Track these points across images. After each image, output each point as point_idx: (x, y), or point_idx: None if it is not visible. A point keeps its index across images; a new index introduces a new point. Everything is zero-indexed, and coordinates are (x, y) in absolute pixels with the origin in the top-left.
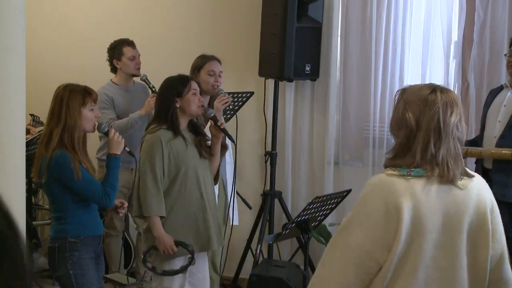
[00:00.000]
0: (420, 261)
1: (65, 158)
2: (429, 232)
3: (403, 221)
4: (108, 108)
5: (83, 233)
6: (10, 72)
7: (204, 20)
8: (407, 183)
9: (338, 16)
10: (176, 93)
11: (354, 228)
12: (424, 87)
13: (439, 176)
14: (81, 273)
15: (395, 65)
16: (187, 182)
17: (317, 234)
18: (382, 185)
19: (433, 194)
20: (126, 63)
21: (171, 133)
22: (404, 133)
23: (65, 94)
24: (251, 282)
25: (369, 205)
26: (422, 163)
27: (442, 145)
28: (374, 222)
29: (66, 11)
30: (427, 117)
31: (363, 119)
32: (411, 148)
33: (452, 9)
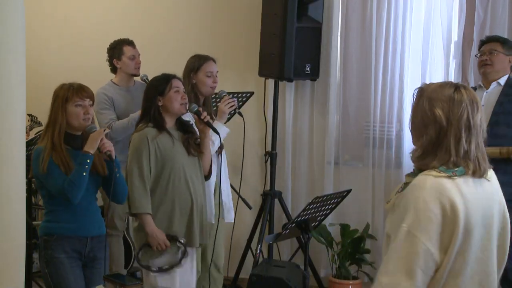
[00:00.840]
0: (469, 257)
1: (37, 153)
2: (476, 228)
3: (460, 222)
4: (108, 109)
5: (56, 231)
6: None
7: (204, 20)
8: (454, 183)
9: (338, 16)
10: (158, 92)
11: (416, 234)
12: (446, 85)
13: (473, 172)
14: (55, 272)
15: (395, 65)
16: (174, 179)
17: (317, 234)
18: (435, 188)
19: (474, 191)
20: (126, 62)
21: (156, 130)
22: (434, 130)
23: (55, 92)
24: (251, 282)
25: (426, 210)
26: (456, 159)
27: (472, 141)
28: (435, 226)
29: (66, 11)
30: (457, 114)
31: (363, 119)
32: (442, 145)
33: (452, 9)
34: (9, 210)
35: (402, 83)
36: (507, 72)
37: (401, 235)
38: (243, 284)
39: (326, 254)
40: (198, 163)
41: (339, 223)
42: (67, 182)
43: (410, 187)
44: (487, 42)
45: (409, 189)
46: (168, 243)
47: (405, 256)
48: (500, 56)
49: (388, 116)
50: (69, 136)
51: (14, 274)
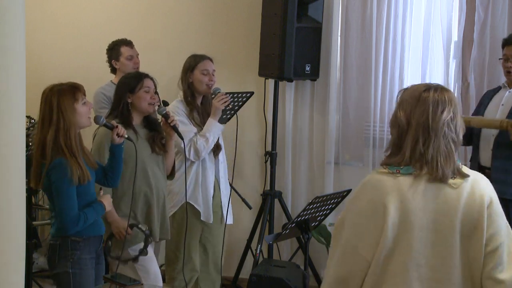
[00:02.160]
0: (410, 259)
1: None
2: (417, 229)
3: (389, 218)
4: (107, 108)
5: (86, 233)
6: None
7: (204, 20)
8: (395, 180)
9: (338, 16)
10: (128, 89)
11: (344, 224)
12: (421, 86)
13: (428, 174)
14: (80, 272)
15: (395, 65)
16: (136, 174)
17: (317, 234)
18: (371, 183)
19: (422, 192)
20: (124, 63)
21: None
22: (396, 131)
23: (54, 96)
24: (251, 282)
25: (358, 202)
26: (411, 161)
27: (431, 144)
28: (362, 218)
29: (67, 11)
30: (417, 114)
31: (363, 119)
32: (402, 146)
33: (452, 9)
34: (9, 210)
35: (402, 83)
36: None
37: (335, 225)
38: (243, 284)
39: (326, 254)
40: (161, 161)
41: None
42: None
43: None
44: (510, 43)
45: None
46: (130, 231)
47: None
48: None
49: (388, 116)
50: None
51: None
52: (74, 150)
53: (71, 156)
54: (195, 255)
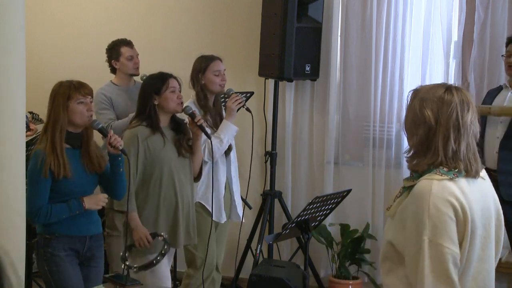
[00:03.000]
0: (472, 256)
1: (36, 155)
2: (477, 228)
3: (468, 222)
4: (107, 109)
5: (57, 230)
6: (10, 73)
7: (204, 20)
8: (457, 184)
9: (338, 16)
10: (154, 90)
11: (440, 241)
12: (439, 86)
13: (466, 172)
14: (57, 269)
15: (395, 65)
16: (162, 180)
17: (317, 234)
18: (441, 190)
19: (474, 191)
20: (124, 63)
21: (149, 130)
22: (423, 130)
23: (54, 91)
24: (251, 282)
25: (440, 212)
26: (445, 160)
27: (462, 142)
28: (451, 227)
29: (67, 11)
30: (445, 114)
31: (363, 119)
32: (431, 145)
33: (452, 9)
34: (9, 210)
35: (402, 83)
36: None
37: (425, 247)
38: (243, 284)
39: (326, 254)
40: (188, 164)
41: (339, 223)
42: (44, 210)
43: (415, 194)
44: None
45: (414, 197)
46: (150, 238)
47: (437, 267)
48: None
49: (388, 116)
50: (69, 134)
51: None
52: (56, 145)
53: (50, 148)
54: (212, 253)
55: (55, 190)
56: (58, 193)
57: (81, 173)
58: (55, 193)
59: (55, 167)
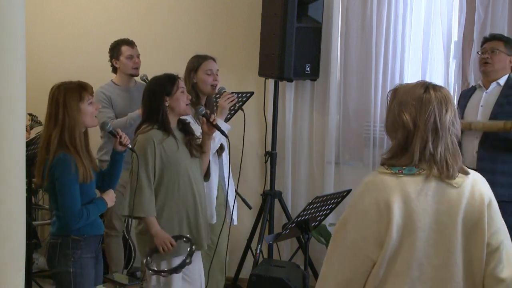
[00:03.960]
0: (413, 258)
1: (65, 160)
2: (421, 230)
3: (394, 218)
4: (106, 107)
5: (87, 231)
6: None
7: (204, 20)
8: (397, 180)
9: (338, 16)
10: (165, 92)
11: (348, 226)
12: (417, 85)
13: (438, 174)
14: (81, 272)
15: (395, 65)
16: (179, 183)
17: (317, 234)
18: (374, 183)
19: (425, 192)
20: (123, 62)
21: (162, 133)
22: (402, 134)
23: (61, 94)
24: (251, 282)
25: (361, 202)
26: (420, 162)
27: (440, 143)
28: (366, 219)
29: (67, 11)
30: (423, 116)
31: (363, 119)
32: (408, 148)
33: (452, 9)
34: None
35: (402, 83)
36: (507, 72)
37: (336, 226)
38: (243, 284)
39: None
40: (199, 164)
41: None
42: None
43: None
44: (490, 40)
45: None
46: (174, 242)
47: (336, 247)
48: (501, 55)
49: None
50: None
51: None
52: (78, 149)
53: (75, 153)
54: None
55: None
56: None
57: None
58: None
59: (83, 172)
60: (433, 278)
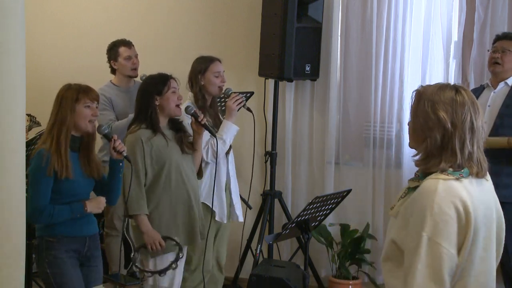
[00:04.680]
0: (475, 257)
1: (40, 154)
2: (480, 228)
3: (472, 222)
4: (108, 109)
5: (59, 232)
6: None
7: (204, 20)
8: (462, 185)
9: (338, 16)
10: (156, 91)
11: (438, 240)
12: (446, 87)
13: (477, 173)
14: (60, 272)
15: (395, 65)
16: (171, 178)
17: (317, 234)
18: (446, 191)
19: (478, 191)
20: (122, 63)
21: (150, 131)
22: (439, 132)
23: (61, 92)
24: (251, 282)
25: (443, 213)
26: (462, 162)
27: (475, 143)
28: (452, 229)
29: (67, 11)
30: (460, 116)
31: (363, 119)
32: (447, 148)
33: (452, 9)
34: (9, 210)
35: (402, 83)
36: None
37: (423, 244)
38: (243, 284)
39: (326, 254)
40: (191, 161)
41: (339, 223)
42: (47, 210)
43: (420, 193)
44: (502, 38)
45: (419, 195)
46: (163, 242)
47: (431, 265)
48: (511, 55)
49: (388, 116)
50: (71, 137)
51: (14, 274)
52: (61, 145)
53: (55, 148)
54: (209, 255)
55: (55, 190)
56: (59, 194)
57: (80, 175)
58: (56, 194)
59: (58, 166)
60: (480, 271)
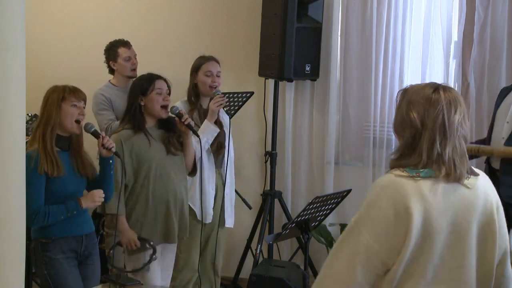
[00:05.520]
0: (429, 261)
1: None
2: (438, 233)
3: (413, 224)
4: (107, 109)
5: (54, 233)
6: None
7: (204, 20)
8: (415, 184)
9: (338, 16)
10: (140, 91)
11: (362, 229)
12: (427, 86)
13: (446, 175)
14: (55, 273)
15: (395, 65)
16: (150, 178)
17: (317, 234)
18: (391, 186)
19: (441, 195)
20: (121, 64)
21: (131, 131)
22: (409, 133)
23: (48, 93)
24: (251, 282)
25: (378, 206)
26: (428, 162)
27: (448, 144)
28: (383, 224)
29: (67, 11)
30: (432, 116)
31: (363, 119)
32: (416, 148)
33: (452, 9)
34: (9, 210)
35: (402, 83)
36: None
37: (349, 227)
38: (243, 284)
39: (326, 254)
40: (179, 161)
41: (339, 223)
42: (42, 212)
43: (373, 184)
44: None
45: (372, 185)
46: (138, 242)
47: (346, 250)
48: None
49: (388, 116)
50: (58, 137)
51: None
52: (46, 144)
53: (42, 148)
54: (196, 255)
55: (48, 190)
56: (52, 193)
57: (71, 174)
58: (49, 193)
59: (48, 166)
60: (447, 280)
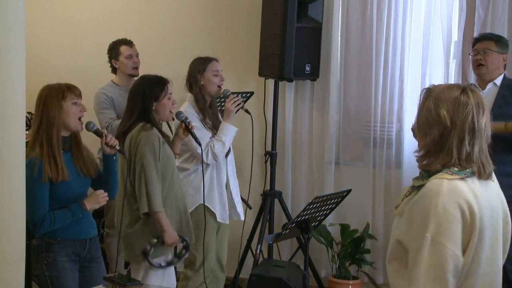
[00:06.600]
0: (481, 258)
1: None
2: (486, 229)
3: (476, 223)
4: (109, 108)
5: (61, 235)
6: (10, 73)
7: (204, 20)
8: (467, 185)
9: (338, 16)
10: (154, 96)
11: (442, 241)
12: (453, 86)
13: (479, 174)
14: (57, 275)
15: (395, 65)
16: (174, 178)
17: (317, 234)
18: (451, 191)
19: (483, 191)
20: (123, 62)
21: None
22: (437, 130)
23: (44, 92)
24: (251, 282)
25: (448, 213)
26: (458, 161)
27: (476, 144)
28: (457, 228)
29: (67, 11)
30: (461, 115)
31: (363, 119)
32: (445, 146)
33: (452, 9)
34: (9, 210)
35: (402, 83)
36: (501, 71)
37: (426, 244)
38: (243, 284)
39: (326, 254)
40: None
41: (339, 223)
42: (48, 219)
43: (424, 193)
44: (481, 40)
45: (423, 195)
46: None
47: (434, 265)
48: (494, 55)
49: (388, 116)
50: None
51: (14, 274)
52: (53, 148)
53: (47, 153)
54: (212, 255)
55: (52, 195)
56: (56, 198)
57: (76, 176)
58: (53, 198)
59: (52, 172)
60: (487, 272)
